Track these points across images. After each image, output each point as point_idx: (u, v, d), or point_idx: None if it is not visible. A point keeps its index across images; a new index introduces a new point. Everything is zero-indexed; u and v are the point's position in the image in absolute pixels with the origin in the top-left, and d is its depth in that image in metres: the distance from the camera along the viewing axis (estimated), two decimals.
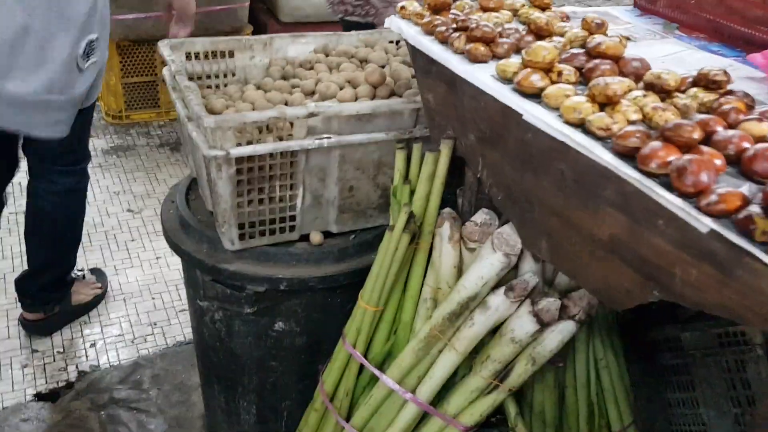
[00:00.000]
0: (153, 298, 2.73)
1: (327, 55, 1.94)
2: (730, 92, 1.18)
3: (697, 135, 0.99)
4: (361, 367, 1.53)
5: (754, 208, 0.86)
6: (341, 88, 1.69)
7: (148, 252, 2.99)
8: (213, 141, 1.45)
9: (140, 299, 2.73)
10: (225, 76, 1.89)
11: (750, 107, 1.13)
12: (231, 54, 1.87)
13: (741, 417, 1.70)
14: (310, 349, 1.73)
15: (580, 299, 1.38)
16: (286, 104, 1.67)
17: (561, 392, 1.65)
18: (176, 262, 2.86)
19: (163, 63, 1.76)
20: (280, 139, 1.53)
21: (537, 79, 1.19)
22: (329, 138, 1.54)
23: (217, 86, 1.89)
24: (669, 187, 0.93)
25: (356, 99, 1.66)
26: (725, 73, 1.19)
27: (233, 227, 1.57)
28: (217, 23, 3.84)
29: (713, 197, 0.89)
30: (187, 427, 2.18)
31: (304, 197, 1.62)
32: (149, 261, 2.93)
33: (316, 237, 1.66)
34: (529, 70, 1.21)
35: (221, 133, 1.43)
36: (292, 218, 1.63)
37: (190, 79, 1.71)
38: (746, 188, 0.94)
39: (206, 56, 1.85)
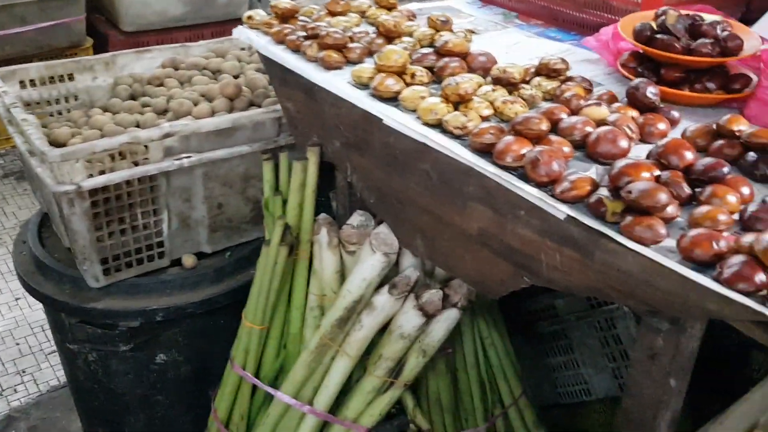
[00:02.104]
0: (17, 344, 2.52)
1: (176, 69, 1.86)
2: (570, 78, 1.26)
3: (545, 126, 1.04)
4: (254, 388, 1.49)
5: (603, 191, 0.92)
6: (196, 104, 1.63)
7: (4, 294, 2.75)
8: (61, 175, 1.35)
9: (3, 347, 2.50)
10: (66, 100, 1.76)
11: (589, 91, 1.21)
12: (71, 77, 1.74)
13: (617, 371, 1.85)
14: (197, 376, 1.67)
15: (459, 287, 1.43)
16: (137, 126, 1.58)
17: (453, 376, 1.70)
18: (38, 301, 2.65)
19: None
20: (136, 164, 1.45)
21: (392, 83, 1.21)
22: (189, 157, 1.48)
23: (59, 112, 1.76)
24: (525, 178, 0.98)
25: (213, 113, 1.60)
26: (563, 60, 1.26)
27: (95, 263, 1.47)
28: (51, 40, 3.56)
29: (566, 184, 0.95)
30: None
31: (170, 221, 1.55)
32: (8, 304, 2.70)
33: (188, 260, 1.60)
34: (383, 74, 1.23)
35: (69, 166, 1.34)
36: (160, 244, 1.55)
37: (27, 107, 1.58)
38: (593, 171, 1.01)
39: (43, 82, 1.72)
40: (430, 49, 1.32)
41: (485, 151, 1.04)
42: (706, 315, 0.79)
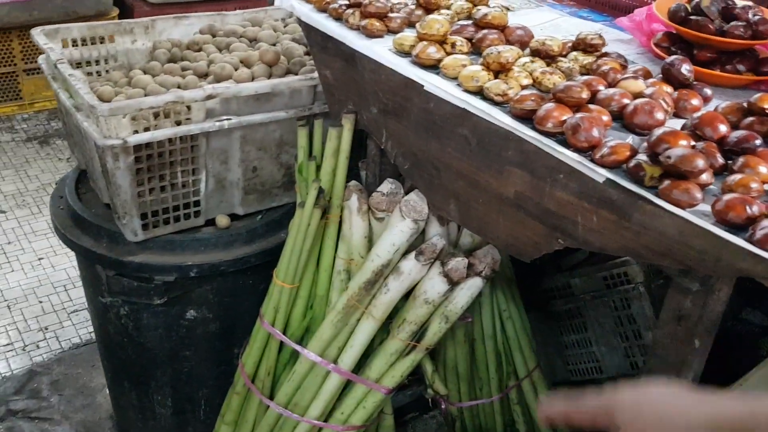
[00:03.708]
0: (41, 302, 2.58)
1: (214, 36, 1.90)
2: (605, 54, 1.30)
3: (585, 95, 1.08)
4: (281, 345, 1.54)
5: (642, 157, 0.97)
6: (236, 69, 1.67)
7: (28, 254, 2.80)
8: (107, 130, 1.40)
9: (26, 304, 2.56)
10: (106, 61, 1.80)
11: (624, 67, 1.25)
12: (111, 39, 1.79)
13: (629, 350, 1.89)
14: (224, 334, 1.72)
15: (484, 256, 1.47)
16: (179, 88, 1.62)
17: (471, 346, 1.75)
18: (62, 262, 2.71)
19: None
20: (178, 123, 1.49)
21: (433, 51, 1.25)
22: (229, 119, 1.53)
23: (98, 73, 1.80)
24: (565, 143, 1.02)
25: (252, 79, 1.64)
26: (600, 36, 1.30)
27: (135, 218, 1.52)
28: (78, 7, 3.61)
29: (605, 150, 0.99)
30: (96, 430, 2.10)
31: (208, 181, 1.59)
32: (31, 263, 2.75)
33: (222, 220, 1.64)
34: (425, 43, 1.27)
35: (116, 121, 1.38)
36: (197, 203, 1.60)
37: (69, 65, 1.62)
38: (630, 140, 1.05)
39: (84, 42, 1.76)
40: (469, 21, 1.36)
41: (525, 118, 1.08)
42: (738, 273, 0.83)
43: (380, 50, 1.32)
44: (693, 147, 0.98)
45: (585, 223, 0.99)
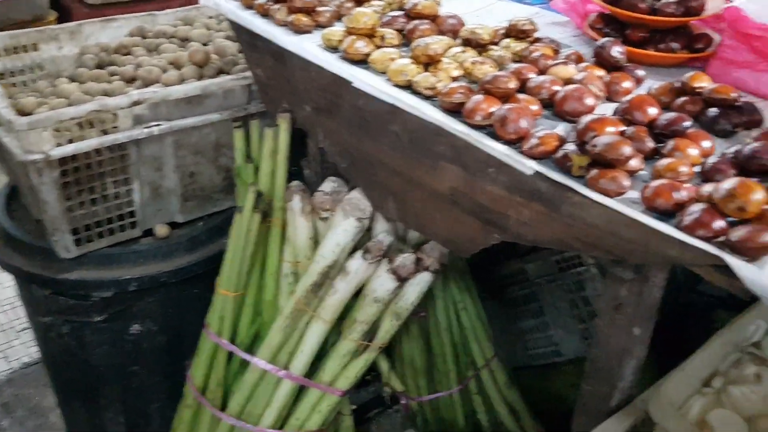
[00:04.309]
0: None
1: (144, 38, 1.83)
2: (538, 40, 1.28)
3: (513, 85, 1.06)
4: (231, 354, 1.50)
5: (570, 146, 0.95)
6: (164, 71, 1.61)
7: None
8: (29, 144, 1.33)
9: None
10: (32, 71, 1.73)
11: (556, 52, 1.23)
12: (35, 47, 1.71)
13: (585, 332, 1.89)
14: (172, 346, 1.68)
15: (432, 251, 1.45)
16: (105, 95, 1.56)
17: (427, 340, 1.73)
18: (7, 279, 2.62)
19: None
20: (105, 132, 1.43)
21: (362, 46, 1.21)
22: (159, 125, 1.47)
23: (24, 83, 1.72)
24: (495, 136, 0.99)
25: (182, 81, 1.59)
26: (531, 22, 1.28)
27: (66, 233, 1.46)
28: (13, 13, 3.47)
29: (534, 141, 0.97)
30: None
31: (142, 191, 1.54)
32: None
33: (161, 230, 1.59)
34: (353, 37, 1.23)
35: (37, 135, 1.32)
36: (132, 214, 1.55)
37: None
38: (561, 128, 1.03)
39: (7, 52, 1.68)
40: (400, 12, 1.33)
41: (455, 111, 1.05)
42: (668, 261, 0.82)
43: (309, 46, 1.28)
44: (622, 133, 0.97)
45: (517, 216, 0.97)
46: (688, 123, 0.99)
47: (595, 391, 1.05)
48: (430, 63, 1.16)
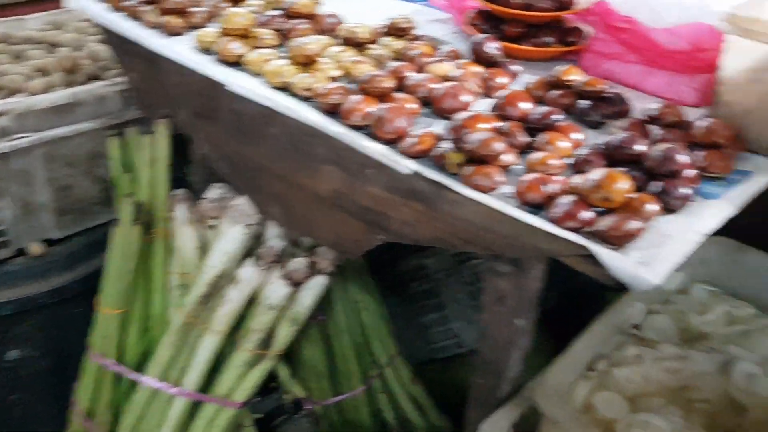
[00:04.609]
0: None
1: (9, 44, 1.70)
2: (418, 37, 1.28)
3: (390, 84, 1.05)
4: (119, 375, 1.43)
5: (446, 144, 0.95)
6: (30, 79, 1.51)
7: None
8: None
9: None
10: None
11: (435, 49, 1.24)
12: None
13: None
14: (57, 371, 1.57)
15: (326, 253, 1.43)
16: None
17: (328, 342, 1.71)
18: None
19: None
20: None
21: (236, 47, 1.17)
22: (26, 137, 1.37)
23: None
24: (373, 136, 0.98)
25: (50, 89, 1.49)
26: (409, 20, 1.28)
27: None
28: None
29: (411, 140, 0.96)
30: None
31: (12, 207, 1.43)
32: None
33: (35, 248, 1.49)
34: (228, 38, 1.19)
35: None
36: (1, 233, 1.44)
37: None
38: (440, 126, 1.03)
39: None
40: (279, 12, 1.30)
41: (333, 112, 1.04)
42: (540, 254, 0.84)
43: (181, 49, 1.22)
44: (496, 129, 0.98)
45: (398, 216, 0.96)
46: (558, 116, 1.02)
47: (485, 383, 1.07)
48: (307, 63, 1.14)
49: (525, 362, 1.04)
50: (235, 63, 1.17)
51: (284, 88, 1.10)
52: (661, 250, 0.80)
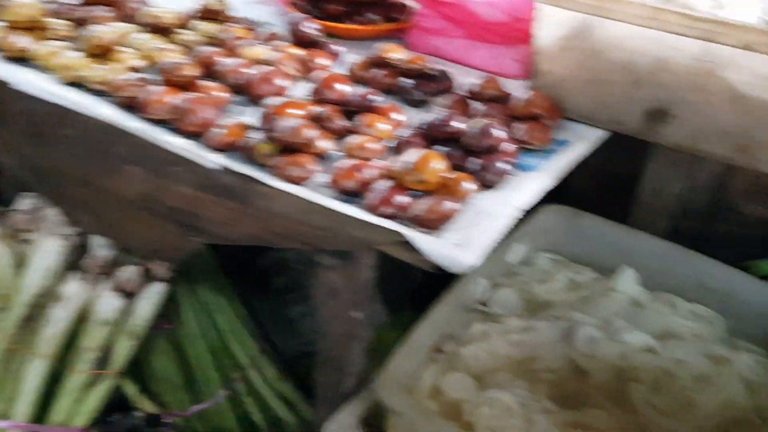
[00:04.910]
0: None
1: None
2: (234, 20, 1.19)
3: (193, 71, 0.96)
4: None
5: (257, 134, 0.88)
6: None
7: None
8: None
9: None
10: None
11: (252, 31, 1.16)
12: None
13: None
14: None
15: None
16: None
17: (180, 351, 1.61)
18: None
19: None
20: None
21: (19, 40, 1.04)
22: None
23: None
24: (177, 130, 0.90)
25: None
26: (221, 2, 1.19)
27: None
28: None
29: (218, 131, 0.88)
30: None
31: None
32: None
33: None
34: (9, 31, 1.05)
35: None
36: None
37: None
38: (253, 115, 0.96)
39: None
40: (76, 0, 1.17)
41: (132, 106, 0.94)
42: (359, 244, 0.79)
43: None
44: (310, 114, 0.92)
45: (211, 216, 0.89)
46: (377, 97, 0.97)
47: (328, 380, 1.02)
48: (104, 54, 1.02)
49: (368, 355, 1.00)
50: (22, 58, 1.04)
51: (78, 83, 0.98)
52: (477, 229, 0.78)
